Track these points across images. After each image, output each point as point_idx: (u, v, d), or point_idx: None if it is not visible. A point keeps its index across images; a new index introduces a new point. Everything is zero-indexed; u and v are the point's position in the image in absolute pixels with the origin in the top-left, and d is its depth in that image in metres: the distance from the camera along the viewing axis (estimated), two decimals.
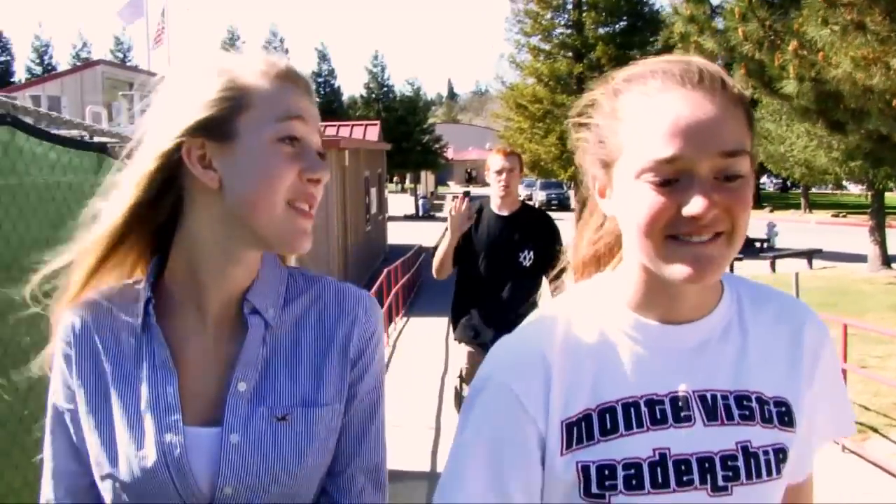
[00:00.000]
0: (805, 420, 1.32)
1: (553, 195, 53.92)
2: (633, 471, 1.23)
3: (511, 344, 1.34)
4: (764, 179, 65.52)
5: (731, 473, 1.24)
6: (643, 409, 1.27)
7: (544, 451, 1.28)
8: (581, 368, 1.29)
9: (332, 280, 1.50)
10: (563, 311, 1.35)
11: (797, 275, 11.14)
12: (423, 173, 62.61)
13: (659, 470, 1.23)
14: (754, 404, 1.28)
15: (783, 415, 1.29)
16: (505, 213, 5.38)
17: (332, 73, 58.84)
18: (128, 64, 56.03)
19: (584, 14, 32.19)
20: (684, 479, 1.23)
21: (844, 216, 43.69)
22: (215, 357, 1.40)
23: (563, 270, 5.17)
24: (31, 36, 62.46)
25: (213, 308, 1.40)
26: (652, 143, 1.17)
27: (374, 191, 27.06)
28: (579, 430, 1.27)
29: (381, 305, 12.36)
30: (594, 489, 1.24)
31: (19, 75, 58.90)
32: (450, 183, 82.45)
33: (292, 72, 1.37)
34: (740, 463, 1.24)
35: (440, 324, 13.66)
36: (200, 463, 1.34)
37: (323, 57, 58.78)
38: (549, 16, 33.31)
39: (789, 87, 8.28)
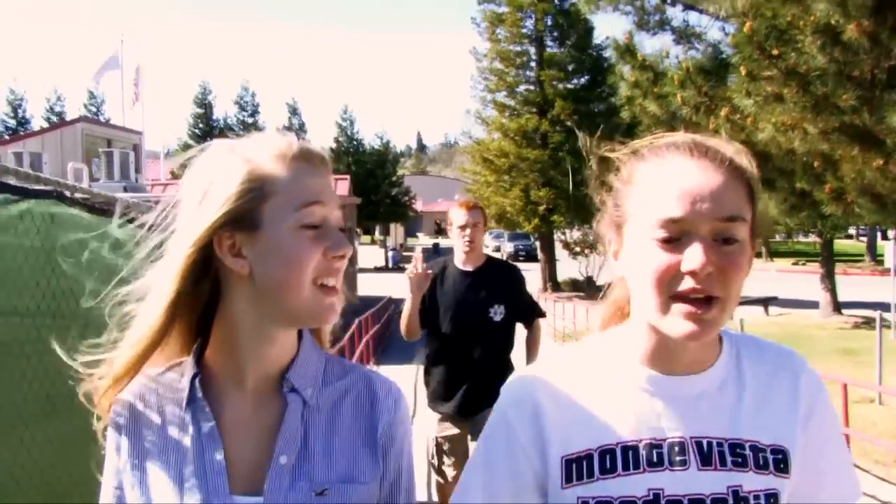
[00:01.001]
0: (802, 468, 1.38)
1: (521, 246, 54.94)
2: None
3: (512, 383, 1.47)
4: None
5: None
6: (641, 452, 1.34)
7: (543, 481, 1.38)
8: (579, 410, 1.38)
9: (367, 370, 1.56)
10: (568, 358, 1.46)
11: (742, 321, 11.92)
12: (392, 225, 63.38)
13: None
14: (748, 452, 1.34)
15: (779, 462, 1.35)
16: (470, 268, 5.18)
17: (302, 126, 59.88)
18: (101, 117, 56.62)
19: (543, 71, 33.42)
20: None
21: (804, 264, 44.85)
22: (254, 429, 1.43)
23: (536, 315, 5.26)
24: (5, 90, 62.91)
25: (251, 383, 1.44)
26: (660, 205, 1.28)
27: None
28: (579, 468, 1.35)
29: (353, 354, 12.83)
30: None
31: None
32: (419, 234, 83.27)
33: (305, 152, 1.40)
34: None
35: (409, 371, 14.31)
36: None
37: (294, 111, 59.85)
38: (513, 73, 34.54)
39: None
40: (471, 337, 5.06)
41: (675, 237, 1.27)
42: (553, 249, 36.86)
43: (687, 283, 1.26)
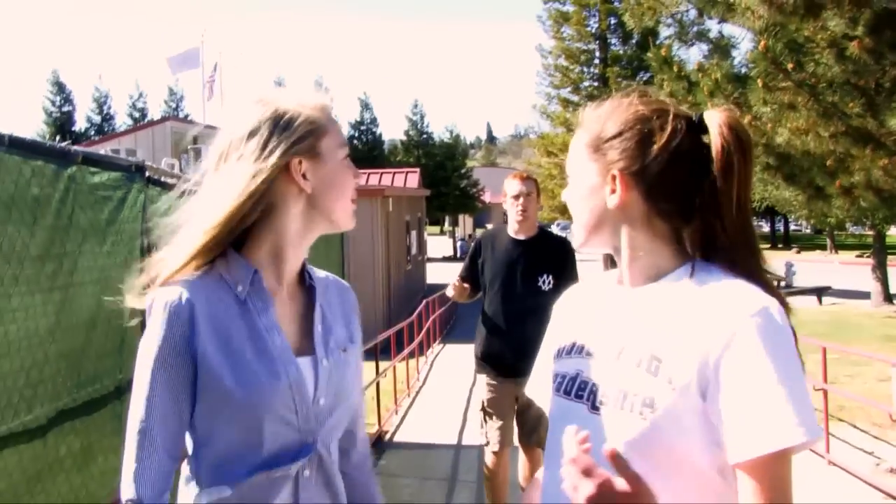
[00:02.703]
0: (715, 407, 1.41)
1: None
2: (560, 380, 1.65)
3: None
4: (803, 223, 66.28)
5: (603, 400, 1.53)
6: (585, 344, 1.64)
7: None
8: (571, 315, 1.77)
9: (329, 273, 1.97)
10: (587, 279, 1.85)
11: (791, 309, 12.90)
12: (461, 216, 64.63)
13: (572, 383, 1.61)
14: (646, 357, 1.50)
15: (670, 374, 1.45)
16: (522, 237, 5.34)
17: (374, 121, 61.02)
18: (180, 113, 58.88)
19: (608, 68, 34.24)
20: (579, 393, 1.59)
21: (868, 256, 44.70)
22: (292, 311, 1.80)
23: None
24: (91, 87, 65.49)
25: (288, 277, 1.80)
26: None
27: (414, 233, 28.99)
28: (559, 351, 1.71)
29: (419, 332, 14.23)
30: (552, 388, 1.69)
31: (80, 124, 62.03)
32: (488, 225, 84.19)
33: (330, 106, 1.80)
34: (611, 395, 1.52)
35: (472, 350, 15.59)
36: (307, 382, 1.73)
37: (365, 106, 61.05)
38: (577, 70, 35.37)
39: None
40: (519, 303, 5.19)
41: None
42: None
43: None
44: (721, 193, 1.53)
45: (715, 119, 1.58)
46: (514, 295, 5.24)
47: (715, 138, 1.56)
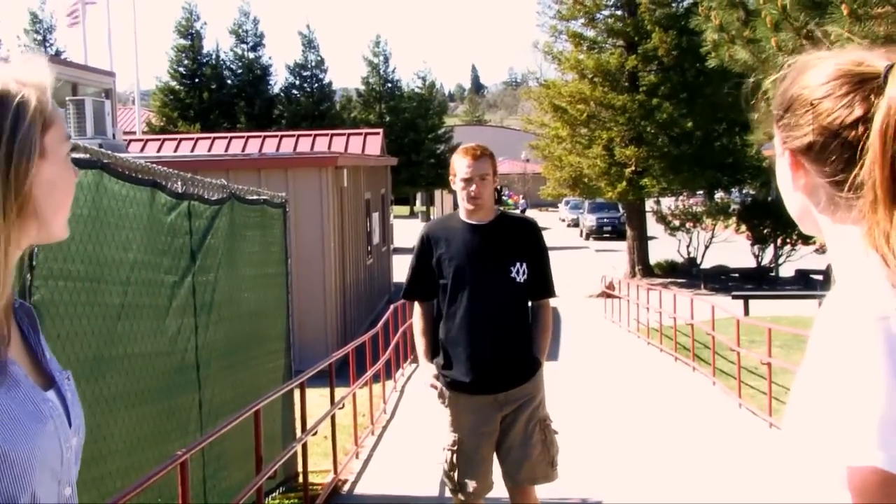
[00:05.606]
0: None
1: (605, 220, 54.96)
2: None
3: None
4: None
5: None
6: None
7: None
8: None
9: None
10: None
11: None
12: (437, 192, 64.45)
13: None
14: None
15: None
16: (480, 222, 5.57)
17: (320, 64, 60.20)
18: (49, 51, 58.06)
19: None
20: None
21: None
22: (15, 337, 1.84)
23: (549, 290, 5.93)
24: None
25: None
26: None
27: (376, 216, 28.87)
28: None
29: (385, 348, 14.09)
30: None
31: None
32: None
33: (51, 85, 1.78)
34: None
35: None
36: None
37: (309, 44, 60.21)
38: None
39: None
40: (491, 300, 5.45)
41: None
42: (644, 223, 37.25)
43: None
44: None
45: None
46: (485, 290, 5.45)
47: (882, 105, 1.49)
